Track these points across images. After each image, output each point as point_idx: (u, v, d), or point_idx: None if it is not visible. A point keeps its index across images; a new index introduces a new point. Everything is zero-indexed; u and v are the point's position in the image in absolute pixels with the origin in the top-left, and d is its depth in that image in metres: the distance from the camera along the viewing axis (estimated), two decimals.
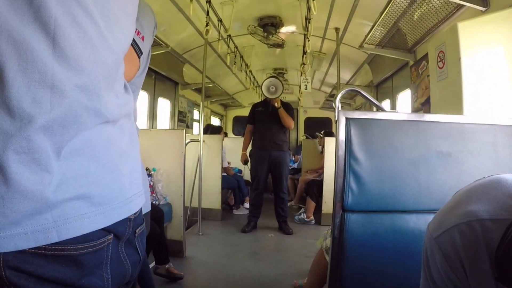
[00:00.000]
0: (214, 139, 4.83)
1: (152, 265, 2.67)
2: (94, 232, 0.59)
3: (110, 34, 0.61)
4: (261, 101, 4.65)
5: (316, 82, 8.24)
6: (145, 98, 5.22)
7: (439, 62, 2.29)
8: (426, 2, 2.99)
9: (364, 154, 1.32)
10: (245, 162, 4.66)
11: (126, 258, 0.68)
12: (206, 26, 3.73)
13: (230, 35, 4.74)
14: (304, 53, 5.00)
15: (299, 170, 6.49)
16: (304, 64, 5.26)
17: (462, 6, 2.72)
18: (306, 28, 4.02)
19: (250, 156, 4.52)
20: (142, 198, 0.74)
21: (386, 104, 5.35)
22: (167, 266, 2.67)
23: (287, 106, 4.33)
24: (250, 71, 6.64)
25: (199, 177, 4.13)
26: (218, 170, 4.76)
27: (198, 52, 5.29)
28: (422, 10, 3.11)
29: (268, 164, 4.32)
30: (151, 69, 4.95)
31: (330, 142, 4.68)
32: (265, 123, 4.34)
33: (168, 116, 6.15)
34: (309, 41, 4.22)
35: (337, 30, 4.60)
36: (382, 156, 1.33)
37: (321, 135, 5.68)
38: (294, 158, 7.48)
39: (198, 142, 4.12)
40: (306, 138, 6.88)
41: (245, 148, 4.61)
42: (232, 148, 5.90)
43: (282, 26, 4.82)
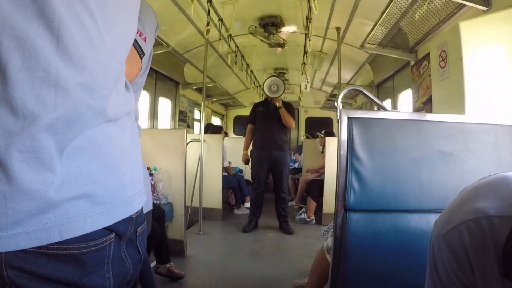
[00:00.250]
0: (215, 139, 4.83)
1: (153, 264, 2.66)
2: (96, 231, 0.58)
3: (108, 34, 0.61)
4: (262, 100, 4.64)
5: (317, 82, 8.24)
6: (146, 98, 5.22)
7: (441, 61, 2.29)
8: (428, 1, 2.99)
9: (366, 153, 1.32)
10: (246, 161, 4.66)
11: (128, 257, 0.68)
12: (207, 25, 3.73)
13: (231, 35, 4.74)
14: (305, 52, 4.99)
15: (300, 170, 6.49)
16: (305, 63, 5.25)
17: (464, 5, 2.72)
18: (307, 27, 4.02)
19: (250, 155, 4.52)
20: (143, 197, 0.74)
21: (387, 104, 5.34)
22: (168, 266, 2.68)
23: (288, 106, 4.32)
24: (251, 71, 6.63)
25: (200, 176, 4.13)
26: (219, 169, 4.76)
27: (199, 51, 5.29)
28: (424, 10, 3.11)
29: (268, 163, 4.31)
30: (152, 68, 4.94)
31: (331, 142, 4.68)
32: (266, 123, 4.34)
33: (169, 115, 6.14)
34: (310, 40, 4.21)
35: (338, 29, 4.60)
36: (384, 155, 1.33)
37: (321, 135, 5.68)
38: (294, 158, 7.47)
39: (199, 141, 4.12)
40: (307, 138, 6.88)
41: (246, 147, 4.61)
42: (233, 147, 5.89)
43: (283, 25, 4.81)
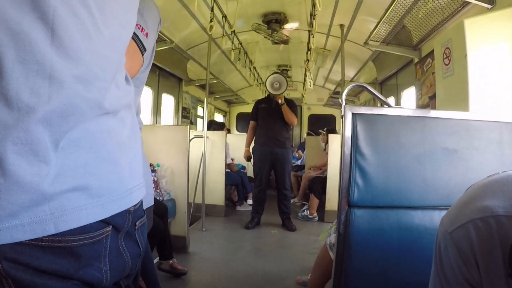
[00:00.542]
0: (217, 135, 4.83)
1: (155, 260, 2.68)
2: (92, 223, 0.58)
3: (105, 26, 0.61)
4: (264, 97, 4.63)
5: (320, 79, 8.22)
6: (149, 94, 5.22)
7: (445, 59, 2.28)
8: None
9: (370, 149, 1.32)
10: (248, 158, 4.66)
11: (126, 250, 0.68)
12: (211, 22, 3.72)
13: (234, 31, 4.72)
14: (308, 49, 4.97)
15: (303, 167, 6.49)
16: (308, 60, 5.24)
17: (468, 3, 2.70)
18: (310, 24, 4.01)
19: (252, 152, 4.52)
20: (142, 190, 0.73)
21: (390, 101, 5.31)
22: (171, 262, 2.68)
23: (290, 103, 4.30)
24: (254, 68, 6.63)
25: (203, 173, 4.13)
26: (221, 166, 4.77)
27: (202, 48, 5.28)
28: (428, 7, 3.09)
29: (270, 160, 4.31)
30: (155, 65, 4.95)
31: (334, 139, 4.68)
32: (268, 120, 4.33)
33: (172, 112, 6.15)
34: (313, 37, 4.21)
35: (341, 26, 4.58)
36: (388, 151, 1.33)
37: (323, 132, 5.67)
38: (297, 155, 7.47)
39: (202, 138, 4.11)
40: (309, 135, 6.87)
41: (248, 144, 4.62)
42: (235, 144, 5.90)
43: (287, 22, 4.80)
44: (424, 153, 1.34)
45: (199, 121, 7.34)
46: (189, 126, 3.36)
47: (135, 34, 0.96)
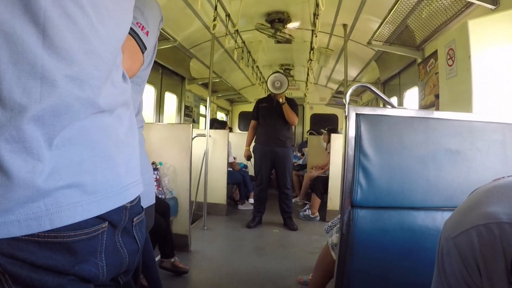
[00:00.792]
0: (220, 134, 4.83)
1: (157, 258, 2.68)
2: (88, 220, 0.59)
3: (101, 25, 0.61)
4: (265, 96, 4.62)
5: (322, 79, 8.21)
6: (152, 92, 5.22)
7: (449, 59, 2.28)
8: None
9: (373, 150, 1.32)
10: (248, 157, 4.67)
11: (123, 246, 0.69)
12: (214, 20, 3.73)
13: (237, 30, 4.72)
14: (311, 49, 4.97)
15: (304, 166, 6.48)
16: (311, 60, 5.23)
17: (472, 4, 2.70)
18: (313, 24, 4.00)
19: (253, 151, 4.51)
20: (139, 187, 0.74)
21: (393, 101, 5.31)
22: (172, 260, 2.69)
23: (292, 102, 4.29)
24: (257, 67, 6.62)
25: (205, 171, 4.13)
26: (223, 165, 4.78)
27: (205, 47, 5.27)
28: (431, 8, 3.09)
29: (270, 160, 4.31)
30: (158, 63, 4.96)
31: (336, 138, 4.68)
32: (269, 119, 4.33)
33: (174, 110, 6.15)
34: (316, 37, 4.20)
35: (345, 26, 4.56)
36: (391, 152, 1.33)
37: (325, 132, 5.67)
38: (299, 154, 7.46)
39: (204, 136, 4.11)
40: (311, 134, 6.86)
41: (248, 143, 4.63)
42: (238, 143, 5.89)
43: (290, 21, 4.79)
44: (427, 154, 1.34)
45: (201, 119, 7.34)
46: (191, 124, 3.37)
47: (136, 33, 0.96)
